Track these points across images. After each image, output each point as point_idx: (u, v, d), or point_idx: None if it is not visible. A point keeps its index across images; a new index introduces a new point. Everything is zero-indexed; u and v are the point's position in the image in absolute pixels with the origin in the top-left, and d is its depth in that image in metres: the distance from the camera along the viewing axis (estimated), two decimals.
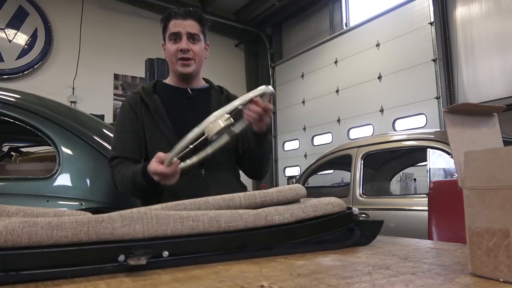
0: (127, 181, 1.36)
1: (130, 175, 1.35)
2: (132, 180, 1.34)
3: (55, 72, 7.67)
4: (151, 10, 8.60)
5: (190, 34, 1.50)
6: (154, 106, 1.49)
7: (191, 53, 1.50)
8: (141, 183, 1.31)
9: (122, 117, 1.52)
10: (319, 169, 4.14)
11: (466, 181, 0.59)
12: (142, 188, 1.33)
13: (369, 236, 0.91)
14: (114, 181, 1.45)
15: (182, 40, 1.49)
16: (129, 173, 1.36)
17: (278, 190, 0.90)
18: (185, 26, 1.49)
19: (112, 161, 1.46)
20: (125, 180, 1.37)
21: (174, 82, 1.59)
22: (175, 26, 1.50)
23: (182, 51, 1.49)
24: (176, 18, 1.50)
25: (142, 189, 1.33)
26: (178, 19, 1.50)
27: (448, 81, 6.12)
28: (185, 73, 1.53)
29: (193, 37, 1.51)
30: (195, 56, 1.52)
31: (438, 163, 2.83)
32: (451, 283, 0.54)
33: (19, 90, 1.83)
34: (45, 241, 0.62)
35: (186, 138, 1.19)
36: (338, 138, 7.55)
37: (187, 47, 1.49)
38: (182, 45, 1.49)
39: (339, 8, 8.35)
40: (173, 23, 1.50)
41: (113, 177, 1.45)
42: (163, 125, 1.46)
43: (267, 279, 0.58)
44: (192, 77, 1.57)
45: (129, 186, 1.36)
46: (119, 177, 1.41)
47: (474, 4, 5.93)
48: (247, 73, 10.17)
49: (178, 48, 1.49)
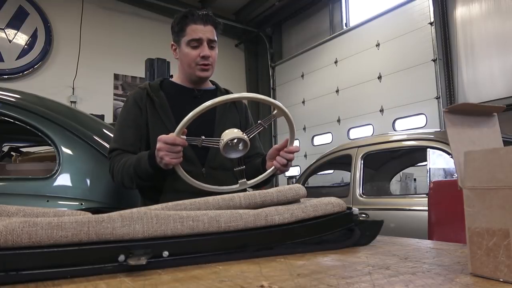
0: (129, 167, 1.37)
1: (133, 161, 1.37)
2: (136, 164, 1.35)
3: (55, 72, 7.67)
4: (151, 10, 8.60)
5: (210, 41, 1.51)
6: (160, 101, 1.50)
7: (211, 59, 1.52)
8: (144, 168, 1.32)
9: (126, 111, 1.53)
10: (319, 169, 4.14)
11: (466, 181, 0.59)
12: (145, 173, 1.33)
13: (369, 236, 0.91)
14: (112, 171, 1.45)
15: (204, 47, 1.49)
16: (133, 160, 1.38)
17: (278, 190, 0.90)
18: (205, 32, 1.49)
19: (112, 153, 1.48)
20: (127, 167, 1.38)
21: (183, 81, 1.60)
22: (197, 32, 1.49)
23: (204, 57, 1.49)
24: (196, 23, 1.49)
25: (144, 174, 1.34)
26: (198, 25, 1.49)
27: (448, 81, 6.13)
28: (204, 77, 1.55)
29: (211, 44, 1.52)
30: (213, 62, 1.54)
31: (438, 163, 2.83)
32: (451, 283, 0.54)
33: (19, 90, 1.83)
34: (45, 241, 0.62)
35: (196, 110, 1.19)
36: (338, 138, 7.55)
37: (209, 54, 1.50)
38: (204, 52, 1.49)
39: (339, 8, 8.36)
40: (194, 28, 1.49)
41: (111, 167, 1.45)
42: (167, 121, 1.47)
43: (267, 279, 0.58)
44: (205, 81, 1.61)
45: (130, 173, 1.37)
46: (119, 165, 1.41)
47: (474, 4, 5.93)
48: (247, 73, 10.17)
49: (200, 54, 1.49)
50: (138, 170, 1.35)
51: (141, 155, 1.37)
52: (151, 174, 1.34)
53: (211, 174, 1.45)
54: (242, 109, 1.68)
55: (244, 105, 1.70)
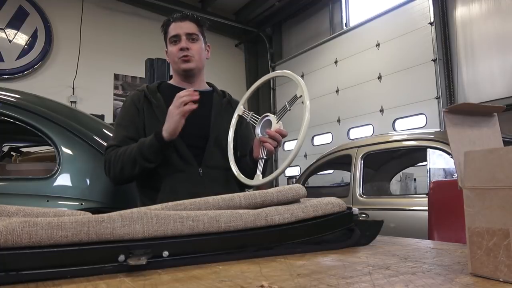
0: (131, 151, 1.39)
1: (137, 144, 1.40)
2: (140, 145, 1.38)
3: (55, 72, 7.67)
4: (151, 10, 8.60)
5: (188, 34, 1.57)
6: (157, 103, 1.53)
7: (191, 51, 1.57)
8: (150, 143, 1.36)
9: (124, 112, 1.57)
10: (319, 169, 4.14)
11: (466, 181, 0.59)
12: (151, 148, 1.36)
13: (369, 236, 0.91)
14: (109, 164, 1.45)
15: (182, 41, 1.56)
16: (134, 145, 1.41)
17: (278, 190, 0.90)
18: (182, 28, 1.57)
19: (107, 149, 1.50)
20: (128, 152, 1.40)
21: (178, 82, 1.64)
22: (174, 29, 1.58)
23: (182, 49, 1.55)
24: (175, 21, 1.59)
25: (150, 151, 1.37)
26: (176, 22, 1.59)
27: (448, 81, 6.12)
28: (187, 68, 1.58)
29: (191, 37, 1.58)
30: (194, 54, 1.58)
31: (438, 163, 2.82)
32: (451, 283, 0.54)
33: (19, 90, 1.83)
34: (45, 241, 0.62)
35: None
36: (338, 138, 7.55)
37: (186, 45, 1.56)
38: (181, 44, 1.56)
39: (339, 8, 8.35)
40: (172, 27, 1.59)
41: (107, 160, 1.46)
42: (164, 122, 1.47)
43: (267, 279, 0.58)
44: (194, 75, 1.62)
45: (132, 156, 1.38)
46: (117, 155, 1.43)
47: (474, 4, 5.93)
48: (247, 73, 10.17)
49: (179, 48, 1.56)
50: (143, 149, 1.37)
51: (144, 139, 1.41)
52: (158, 150, 1.36)
53: (207, 174, 1.47)
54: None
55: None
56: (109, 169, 1.45)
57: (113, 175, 1.45)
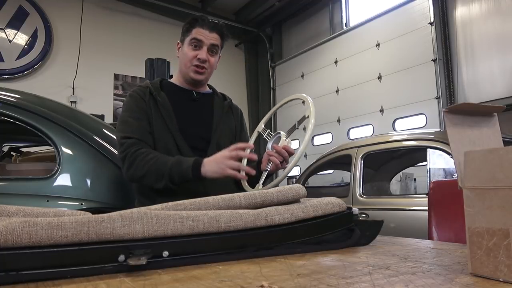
0: (159, 168, 1.34)
1: (167, 161, 1.34)
2: (172, 167, 1.33)
3: (55, 72, 7.66)
4: (151, 10, 8.59)
5: (212, 45, 1.54)
6: (162, 101, 1.51)
7: (207, 63, 1.55)
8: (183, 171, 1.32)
9: (133, 104, 1.50)
10: (319, 169, 4.14)
11: (466, 181, 0.59)
12: (180, 176, 1.33)
13: (369, 236, 0.91)
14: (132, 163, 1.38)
15: (203, 50, 1.53)
16: (165, 159, 1.36)
17: (278, 190, 0.90)
18: (209, 38, 1.53)
19: (127, 140, 1.41)
20: (157, 165, 1.34)
21: (180, 83, 1.62)
22: (200, 34, 1.52)
23: (199, 59, 1.52)
24: (203, 27, 1.53)
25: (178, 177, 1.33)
26: (204, 29, 1.53)
27: (448, 81, 6.12)
28: (196, 79, 1.56)
29: (213, 49, 1.55)
30: (209, 67, 1.56)
31: (438, 163, 2.82)
32: (451, 283, 0.54)
33: (19, 90, 1.83)
34: (45, 241, 0.62)
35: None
36: (338, 138, 7.55)
37: (206, 58, 1.53)
38: (201, 54, 1.52)
39: (339, 8, 8.35)
40: (198, 31, 1.53)
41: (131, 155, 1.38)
42: (169, 121, 1.48)
43: (267, 279, 0.58)
44: (200, 84, 1.62)
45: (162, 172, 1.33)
46: (146, 160, 1.36)
47: (474, 4, 5.93)
48: (247, 73, 10.17)
49: (197, 56, 1.52)
50: (175, 172, 1.33)
51: (181, 159, 1.36)
52: (189, 179, 1.33)
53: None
54: (238, 114, 1.72)
55: (239, 111, 1.75)
56: (129, 167, 1.39)
57: (131, 175, 1.39)
